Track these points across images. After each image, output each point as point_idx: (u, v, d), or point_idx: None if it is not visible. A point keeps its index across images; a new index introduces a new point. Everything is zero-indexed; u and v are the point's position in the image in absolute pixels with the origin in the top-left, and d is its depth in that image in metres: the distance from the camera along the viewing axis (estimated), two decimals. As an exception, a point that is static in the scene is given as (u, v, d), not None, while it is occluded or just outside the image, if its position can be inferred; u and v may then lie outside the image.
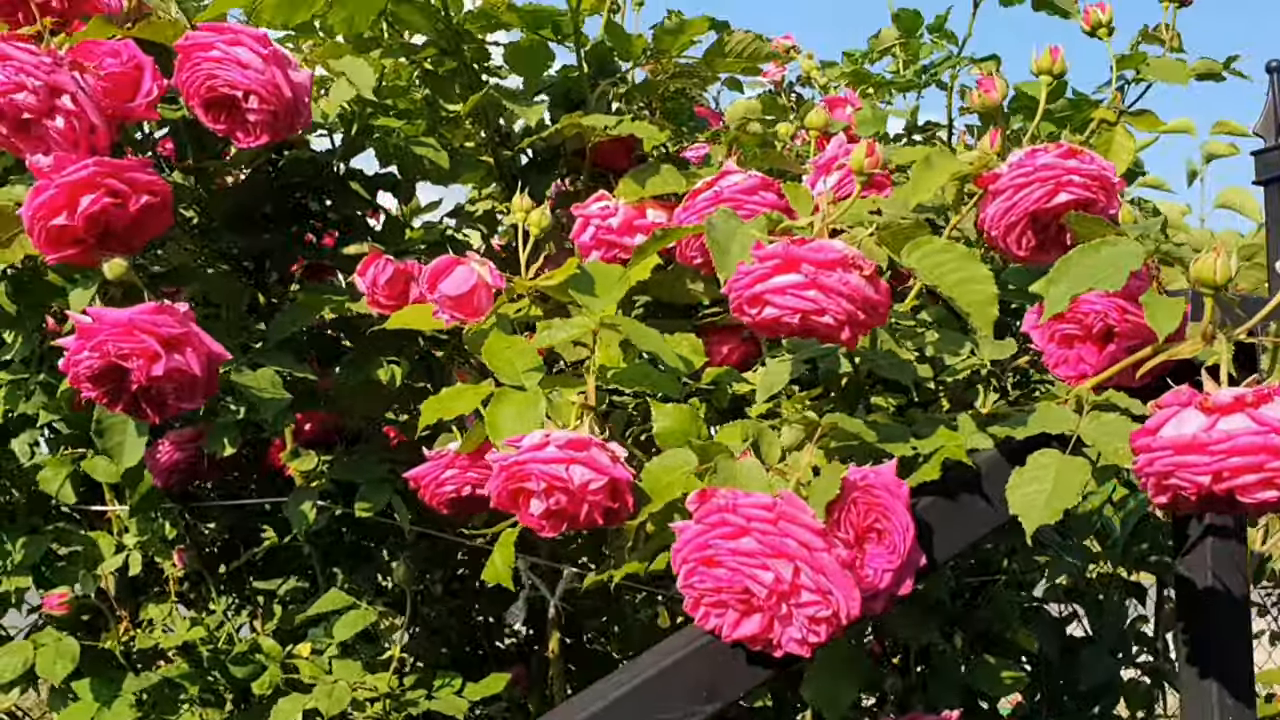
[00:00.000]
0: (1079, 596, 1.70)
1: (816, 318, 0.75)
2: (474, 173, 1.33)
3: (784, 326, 0.77)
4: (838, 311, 0.74)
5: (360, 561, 1.37)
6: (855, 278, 0.75)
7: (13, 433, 1.43)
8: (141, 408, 0.91)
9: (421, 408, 0.92)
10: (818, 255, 0.74)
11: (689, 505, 0.76)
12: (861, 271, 0.75)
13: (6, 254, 0.93)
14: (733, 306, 0.79)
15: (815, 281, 0.74)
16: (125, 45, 0.95)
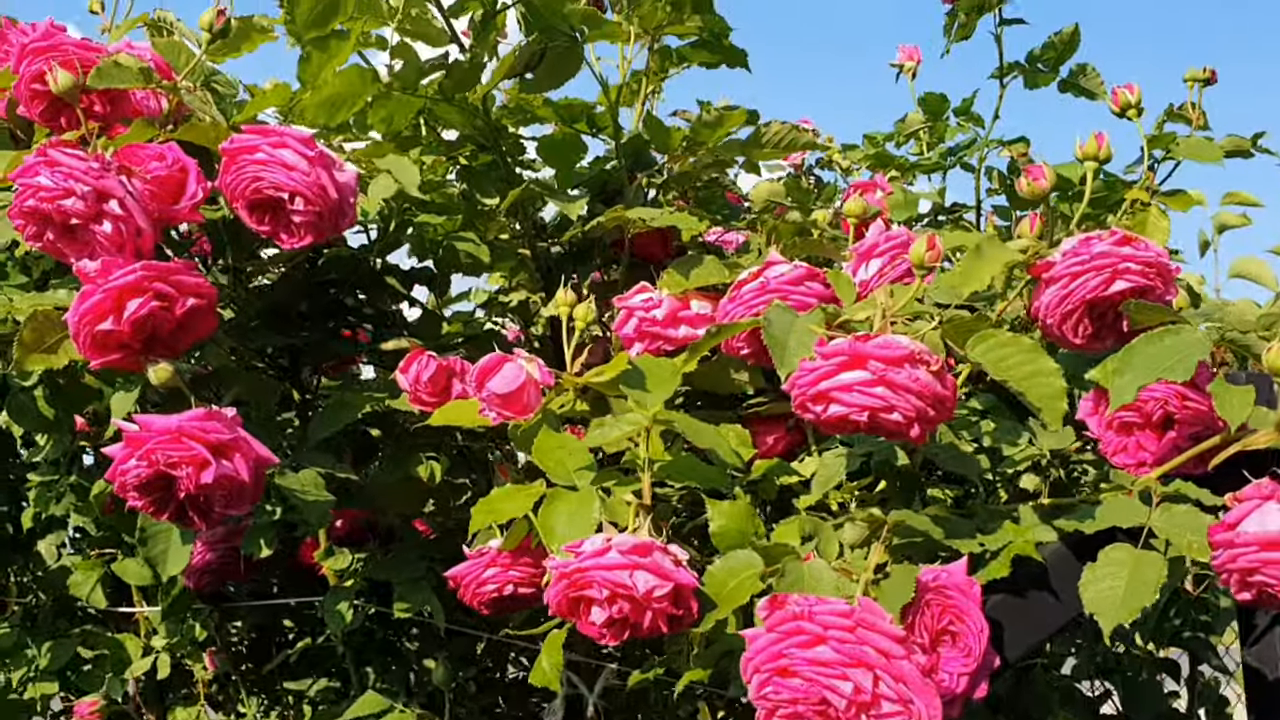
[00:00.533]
0: (1111, 674, 1.67)
1: (885, 415, 0.73)
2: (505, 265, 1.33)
3: (850, 424, 0.75)
4: (906, 409, 0.73)
5: (394, 660, 1.34)
6: (923, 373, 0.74)
7: (39, 535, 1.41)
8: (188, 515, 0.89)
9: (472, 512, 0.90)
10: (884, 351, 0.73)
11: (759, 613, 0.74)
12: (929, 366, 0.74)
13: (52, 360, 0.91)
14: (795, 404, 0.78)
15: (883, 378, 0.73)
16: (170, 148, 0.95)
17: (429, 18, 1.16)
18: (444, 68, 1.04)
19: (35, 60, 0.98)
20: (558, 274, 1.24)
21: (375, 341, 1.21)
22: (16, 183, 0.88)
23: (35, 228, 0.89)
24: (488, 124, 1.09)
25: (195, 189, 0.94)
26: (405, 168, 0.99)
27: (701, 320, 1.03)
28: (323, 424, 1.06)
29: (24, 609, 1.46)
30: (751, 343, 1.00)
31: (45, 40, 0.99)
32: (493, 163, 1.18)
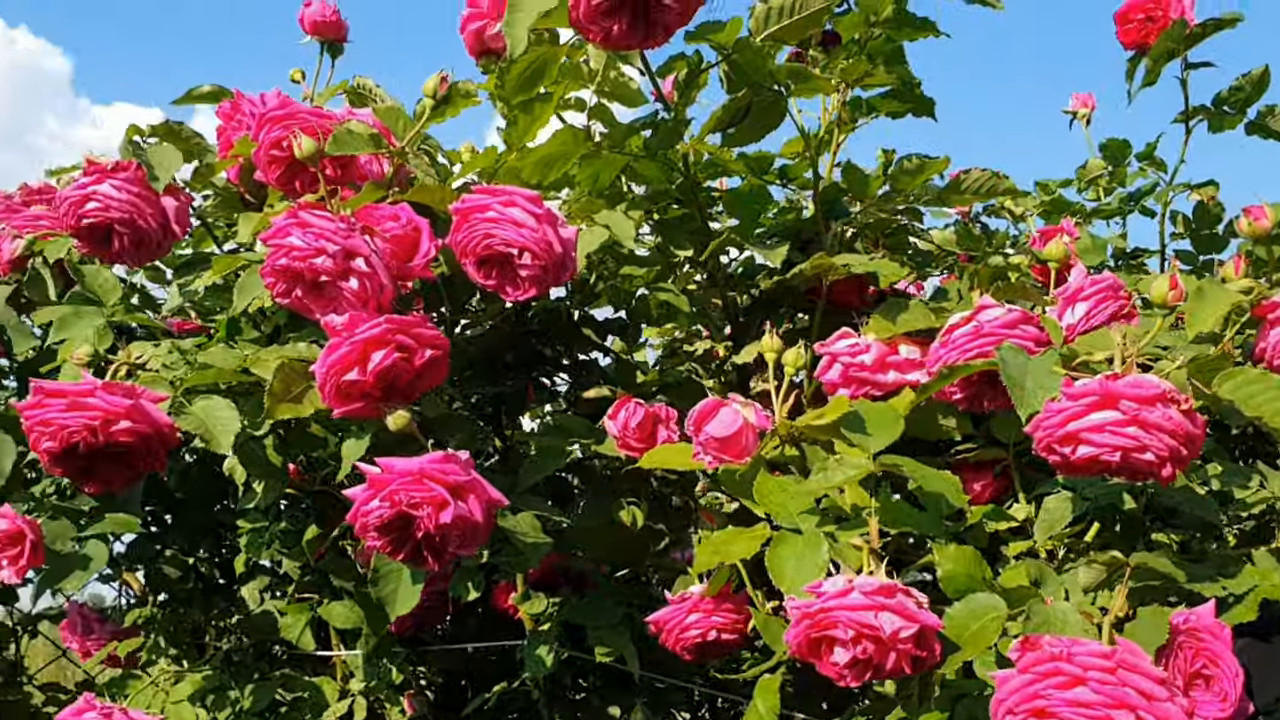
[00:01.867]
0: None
1: (1137, 455, 0.73)
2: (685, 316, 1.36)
3: (1100, 465, 0.75)
4: (1160, 448, 0.73)
5: (585, 706, 1.36)
6: (1175, 412, 0.73)
7: (243, 580, 1.47)
8: (422, 555, 0.93)
9: (696, 551, 0.92)
10: (1137, 391, 0.73)
11: (1010, 654, 0.74)
12: (1179, 406, 0.74)
13: (298, 409, 0.96)
14: (1039, 445, 0.78)
15: (1136, 418, 0.73)
16: (402, 209, 1.00)
17: (626, 80, 1.20)
18: (651, 126, 1.07)
19: (274, 128, 1.05)
20: (747, 322, 1.26)
21: (573, 389, 1.24)
22: (269, 243, 0.94)
23: (285, 285, 0.95)
24: (687, 178, 1.13)
25: (428, 247, 0.99)
26: (621, 222, 1.02)
27: (910, 365, 1.04)
28: (533, 469, 1.10)
29: (225, 652, 1.52)
30: (965, 387, 1.00)
31: (282, 109, 1.05)
32: (685, 215, 1.21)
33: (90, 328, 1.04)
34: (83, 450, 0.91)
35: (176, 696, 1.36)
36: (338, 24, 1.45)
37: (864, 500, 0.96)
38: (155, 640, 1.46)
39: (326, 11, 1.43)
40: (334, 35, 1.45)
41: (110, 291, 1.08)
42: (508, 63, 1.08)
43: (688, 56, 1.06)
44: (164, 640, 1.45)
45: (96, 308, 1.07)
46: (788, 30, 1.03)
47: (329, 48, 1.45)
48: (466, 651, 1.54)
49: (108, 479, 0.94)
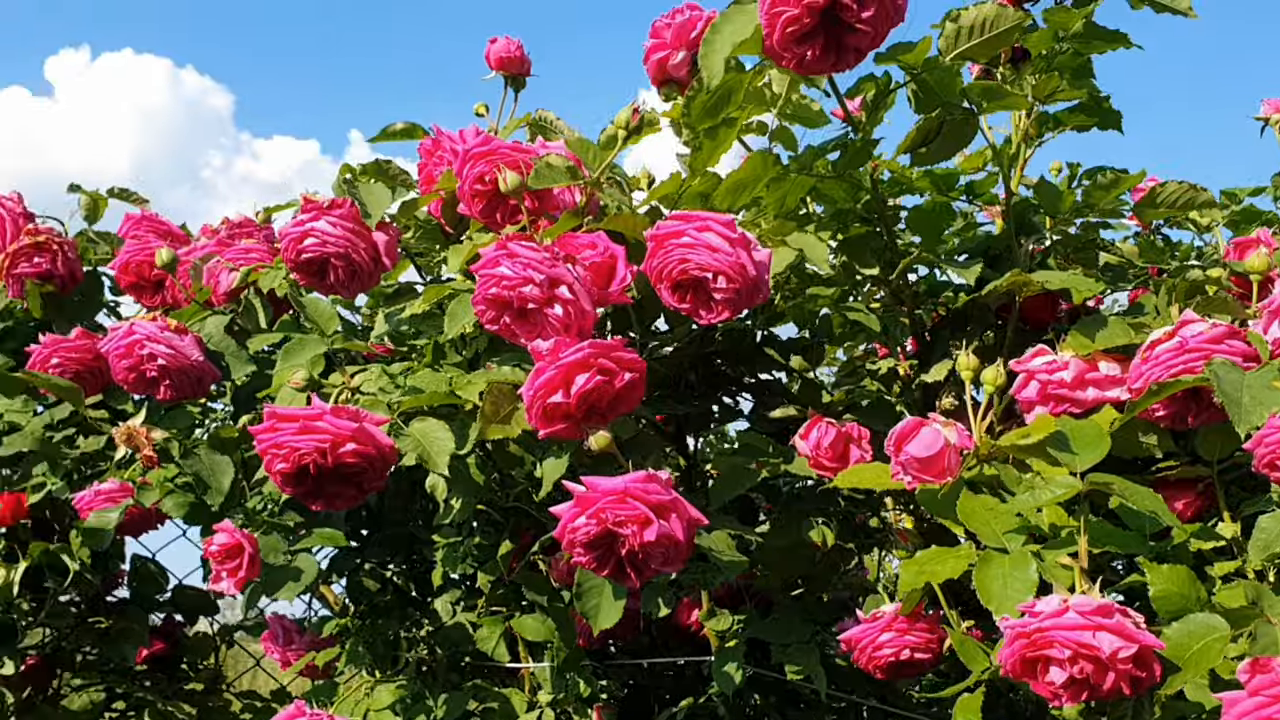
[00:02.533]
0: None
1: (1373, 473, 0.71)
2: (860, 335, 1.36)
3: (1331, 483, 0.73)
4: (1398, 467, 0.70)
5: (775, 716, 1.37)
6: None
7: (436, 594, 1.53)
8: (625, 572, 0.96)
9: (900, 571, 0.92)
10: (1372, 409, 0.71)
11: (1240, 675, 0.72)
12: None
13: (507, 429, 1.01)
14: (1260, 462, 0.77)
15: (1371, 436, 0.71)
16: (599, 237, 1.04)
17: (807, 102, 1.22)
18: (840, 147, 1.09)
19: (478, 163, 1.10)
20: (934, 341, 1.26)
21: (757, 409, 1.26)
22: (479, 273, 0.99)
23: (494, 312, 1.00)
24: (875, 197, 1.13)
25: (624, 273, 1.03)
26: (814, 245, 1.04)
27: (1110, 383, 1.02)
28: (724, 488, 1.12)
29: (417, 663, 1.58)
30: (1169, 404, 0.98)
31: (484, 146, 1.11)
32: (868, 233, 1.21)
33: (314, 354, 1.10)
34: (312, 471, 0.97)
35: (377, 704, 1.42)
36: (521, 60, 1.50)
37: (1062, 519, 0.95)
38: (354, 649, 1.53)
39: (511, 48, 1.49)
40: (518, 71, 1.51)
41: (329, 321, 1.15)
42: (695, 91, 1.11)
43: (876, 78, 1.07)
44: (363, 649, 1.52)
45: (318, 336, 1.14)
46: (978, 49, 1.04)
47: (512, 82, 1.51)
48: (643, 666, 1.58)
49: (334, 498, 1.00)
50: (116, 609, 1.83)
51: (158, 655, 1.87)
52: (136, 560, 1.83)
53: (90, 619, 1.81)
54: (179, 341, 1.26)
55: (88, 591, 1.78)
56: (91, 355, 1.50)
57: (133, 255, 1.51)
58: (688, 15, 1.24)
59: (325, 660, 1.61)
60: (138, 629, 1.80)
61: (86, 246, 1.70)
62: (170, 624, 1.89)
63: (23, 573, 1.63)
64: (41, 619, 1.71)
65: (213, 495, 1.28)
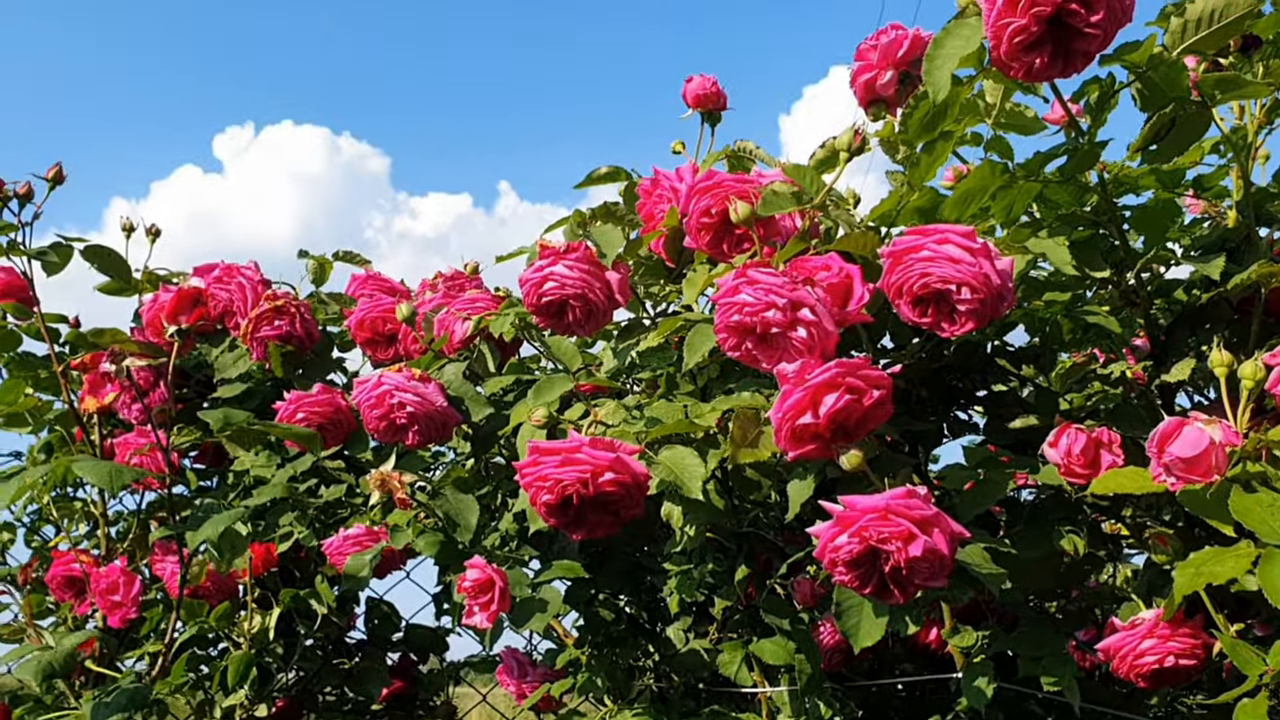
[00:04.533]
0: None
1: None
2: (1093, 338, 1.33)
3: None
4: None
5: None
6: None
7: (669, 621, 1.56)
8: (888, 588, 0.97)
9: (1176, 574, 0.90)
10: None
11: None
12: None
13: (756, 453, 1.03)
14: None
15: None
16: (832, 258, 1.06)
17: (1022, 109, 1.22)
18: (1068, 151, 1.08)
19: (704, 197, 1.13)
20: (1170, 341, 1.23)
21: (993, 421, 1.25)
22: (719, 302, 1.02)
23: (735, 339, 1.02)
24: (1103, 198, 1.12)
25: (861, 291, 1.04)
26: (1057, 249, 1.03)
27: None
28: (975, 501, 1.11)
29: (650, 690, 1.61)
30: None
31: (709, 180, 1.14)
32: (1094, 236, 1.20)
33: (564, 390, 1.15)
34: (575, 501, 1.01)
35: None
36: (718, 95, 1.54)
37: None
38: (588, 679, 1.57)
39: (708, 85, 1.53)
40: (714, 106, 1.55)
41: (573, 359, 1.20)
42: (912, 107, 1.12)
43: (1100, 79, 1.06)
44: (600, 680, 1.55)
45: (566, 374, 1.19)
46: (1206, 40, 1.02)
47: (708, 117, 1.55)
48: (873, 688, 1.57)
49: (595, 526, 1.04)
50: (357, 650, 1.93)
51: (397, 693, 1.96)
52: (371, 602, 1.93)
53: (335, 660, 1.91)
54: (424, 389, 1.33)
55: (331, 634, 1.88)
56: (333, 409, 1.59)
57: (367, 312, 1.60)
58: (893, 35, 1.25)
59: (560, 691, 1.65)
60: (379, 668, 1.89)
61: (316, 307, 1.81)
62: (406, 662, 1.97)
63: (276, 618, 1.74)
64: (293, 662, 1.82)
65: (462, 533, 1.34)
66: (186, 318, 1.65)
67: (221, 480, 1.92)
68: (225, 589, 1.74)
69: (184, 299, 1.67)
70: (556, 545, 1.53)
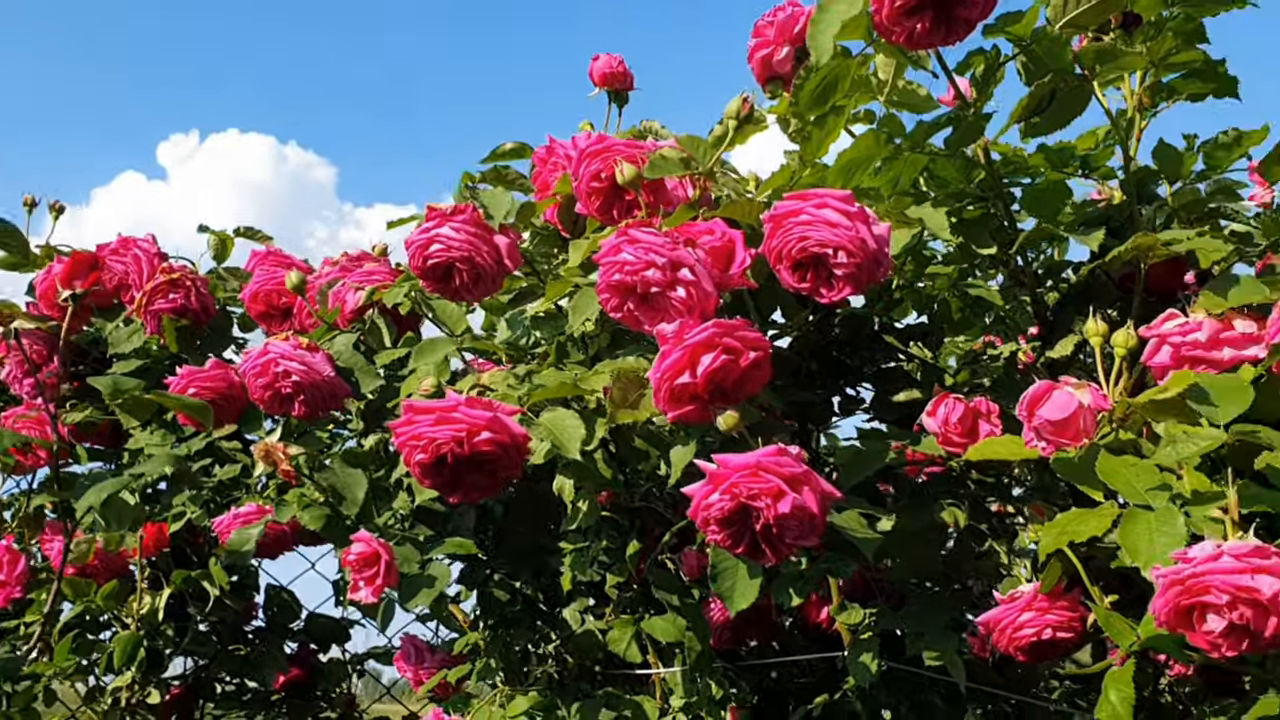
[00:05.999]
0: None
1: None
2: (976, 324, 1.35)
3: None
4: None
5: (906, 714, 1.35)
6: None
7: (565, 602, 1.54)
8: (761, 548, 0.96)
9: (1040, 533, 0.91)
10: None
11: None
12: None
13: (635, 414, 1.02)
14: None
15: None
16: (716, 223, 1.06)
17: (914, 87, 1.22)
18: (952, 123, 1.09)
19: (594, 161, 1.13)
20: (1056, 320, 1.24)
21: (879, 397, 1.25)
22: (601, 262, 1.01)
23: (618, 299, 1.02)
24: (989, 173, 1.13)
25: (743, 255, 1.04)
26: (935, 216, 1.04)
27: (1248, 340, 1.00)
28: (853, 470, 1.11)
29: (546, 674, 1.59)
30: (1313, 358, 0.96)
31: (600, 144, 1.14)
32: (984, 214, 1.21)
33: (446, 352, 1.13)
34: (450, 461, 1.00)
35: (513, 711, 1.44)
36: (625, 75, 1.54)
37: (1205, 485, 0.92)
38: (486, 664, 1.55)
39: (614, 64, 1.53)
40: (621, 86, 1.54)
41: (458, 322, 1.19)
42: (802, 78, 1.12)
43: (985, 51, 1.07)
44: (495, 662, 1.53)
45: (449, 337, 1.18)
46: (1087, 14, 1.03)
47: (615, 97, 1.55)
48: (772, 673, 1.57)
49: (470, 489, 1.03)
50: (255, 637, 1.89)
51: (295, 682, 1.92)
52: (270, 589, 1.89)
53: (230, 646, 1.87)
54: (311, 358, 1.30)
55: (228, 619, 1.84)
56: (225, 384, 1.55)
57: (262, 285, 1.57)
58: (790, 11, 1.26)
59: (457, 677, 1.63)
60: (277, 655, 1.85)
61: (216, 284, 1.77)
62: (305, 651, 1.93)
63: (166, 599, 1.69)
64: (184, 646, 1.77)
65: (348, 506, 1.32)
66: (81, 282, 1.61)
67: (118, 461, 1.88)
68: (115, 568, 1.69)
69: (79, 263, 1.63)
70: (451, 524, 1.51)
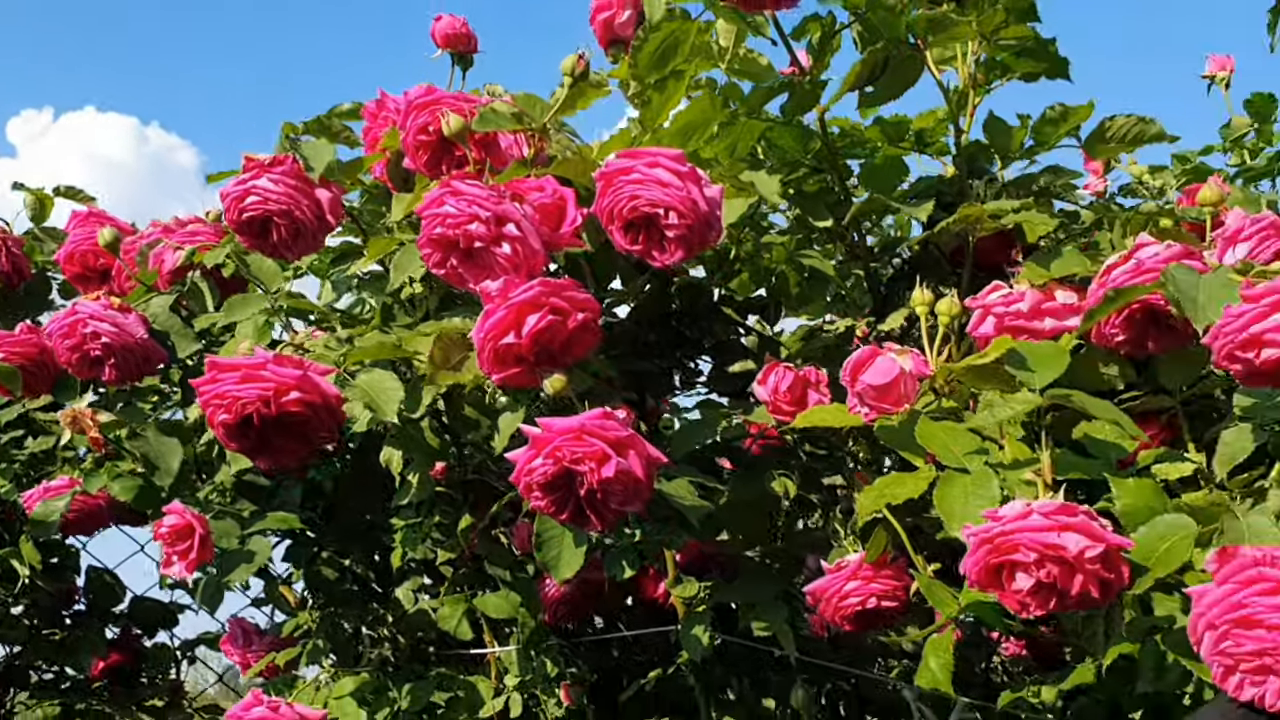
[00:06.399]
0: None
1: (1331, 352, 0.70)
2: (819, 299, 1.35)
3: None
4: (1355, 344, 0.70)
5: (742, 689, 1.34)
6: (1369, 307, 0.70)
7: (397, 581, 1.49)
8: (586, 514, 0.93)
9: (858, 499, 0.91)
10: (1326, 285, 0.70)
11: (1207, 565, 0.71)
12: (1373, 301, 0.71)
13: (458, 376, 0.99)
14: (1219, 356, 0.76)
15: (1327, 313, 0.70)
16: (547, 180, 1.03)
17: (755, 56, 1.21)
18: (787, 88, 1.08)
19: (421, 113, 1.08)
20: (890, 294, 1.25)
21: (716, 369, 1.24)
22: (424, 215, 0.97)
23: (440, 254, 0.98)
24: (825, 144, 1.13)
25: (574, 214, 1.01)
26: (765, 180, 1.03)
27: (1068, 311, 1.01)
28: (686, 439, 1.10)
29: (379, 655, 1.54)
30: (1128, 328, 0.97)
31: (428, 96, 1.09)
32: (822, 188, 1.21)
33: (259, 308, 1.08)
34: (256, 422, 0.94)
35: (339, 692, 1.38)
36: (467, 36, 1.49)
37: (1024, 454, 0.93)
38: (314, 645, 1.49)
39: (457, 25, 1.48)
40: (464, 48, 1.49)
41: (273, 277, 1.13)
42: (641, 40, 1.10)
43: (821, 18, 1.07)
44: (323, 644, 1.48)
45: (263, 294, 1.12)
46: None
47: (459, 59, 1.50)
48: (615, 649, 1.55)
49: (279, 452, 0.97)
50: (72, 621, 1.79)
51: (116, 667, 1.82)
52: (92, 572, 1.79)
53: (45, 630, 1.76)
54: (122, 319, 1.23)
55: (42, 602, 1.74)
56: (37, 350, 1.45)
57: (77, 245, 1.48)
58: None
59: (286, 660, 1.56)
60: (94, 639, 1.76)
61: (33, 245, 1.66)
62: (128, 636, 1.84)
63: (-29, 581, 1.58)
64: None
65: (161, 476, 1.25)
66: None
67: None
68: (-86, 547, 1.57)
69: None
70: (277, 499, 1.44)
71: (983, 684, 1.61)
